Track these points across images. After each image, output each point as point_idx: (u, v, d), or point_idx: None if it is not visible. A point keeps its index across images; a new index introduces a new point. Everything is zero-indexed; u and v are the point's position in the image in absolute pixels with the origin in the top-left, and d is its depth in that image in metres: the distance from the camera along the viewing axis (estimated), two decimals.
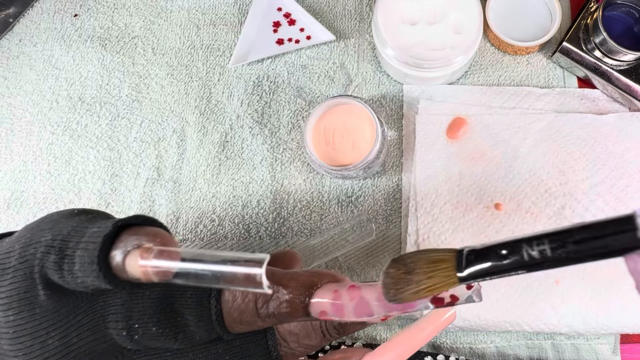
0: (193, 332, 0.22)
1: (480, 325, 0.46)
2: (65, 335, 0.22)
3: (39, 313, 0.22)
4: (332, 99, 0.46)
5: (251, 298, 0.22)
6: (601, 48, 0.48)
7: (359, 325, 0.25)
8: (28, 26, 0.58)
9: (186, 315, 0.22)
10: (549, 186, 0.48)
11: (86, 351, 0.22)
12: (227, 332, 0.22)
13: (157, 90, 0.55)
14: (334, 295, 0.22)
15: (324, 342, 0.25)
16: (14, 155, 0.54)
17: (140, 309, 0.22)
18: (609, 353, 0.47)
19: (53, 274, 0.22)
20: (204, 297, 0.22)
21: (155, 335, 0.22)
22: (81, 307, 0.23)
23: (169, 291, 0.23)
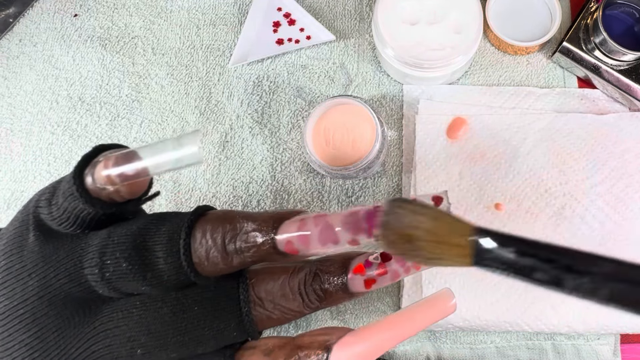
0: (162, 271, 0.21)
1: (480, 326, 0.46)
2: (45, 276, 0.22)
3: (26, 255, 0.23)
4: (332, 99, 0.46)
5: (220, 232, 0.21)
6: (601, 48, 0.48)
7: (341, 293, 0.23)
8: (28, 26, 0.58)
9: (157, 252, 0.22)
10: (549, 186, 0.48)
11: (61, 294, 0.22)
12: (196, 273, 0.21)
13: (157, 90, 0.55)
14: (300, 224, 0.21)
15: (303, 309, 0.23)
16: (14, 155, 0.54)
17: (114, 245, 0.22)
18: (610, 354, 0.47)
19: (43, 212, 0.23)
20: (175, 233, 0.22)
21: (124, 272, 0.21)
22: (63, 248, 0.23)
23: (144, 229, 0.22)
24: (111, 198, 0.22)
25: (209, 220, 0.22)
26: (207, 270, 0.22)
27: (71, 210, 0.22)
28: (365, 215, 0.20)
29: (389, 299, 0.49)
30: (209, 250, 0.21)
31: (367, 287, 0.23)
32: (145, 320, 0.22)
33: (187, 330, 0.22)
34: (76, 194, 0.22)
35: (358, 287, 0.23)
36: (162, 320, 0.22)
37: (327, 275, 0.23)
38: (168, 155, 0.20)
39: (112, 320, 0.22)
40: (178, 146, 0.19)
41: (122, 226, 0.23)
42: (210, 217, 0.22)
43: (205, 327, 0.22)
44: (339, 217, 0.21)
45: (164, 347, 0.22)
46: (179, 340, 0.22)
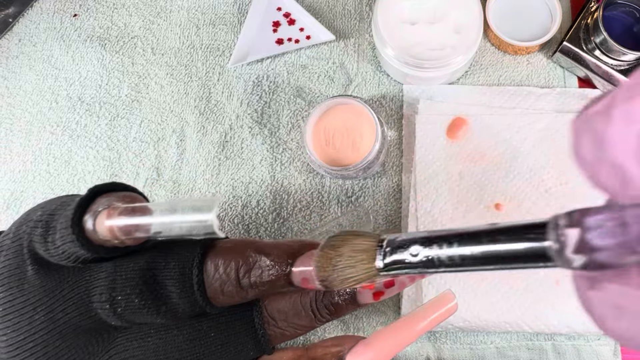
0: (176, 305, 0.22)
1: (480, 326, 0.46)
2: (51, 310, 0.22)
3: (27, 289, 0.22)
4: (332, 99, 0.45)
5: (233, 267, 0.21)
6: (601, 48, 0.48)
7: (351, 305, 0.24)
8: (28, 26, 0.58)
9: (169, 287, 0.22)
10: (549, 186, 0.48)
11: (71, 327, 0.22)
12: (210, 304, 0.22)
13: (156, 90, 0.55)
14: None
15: (314, 324, 0.24)
16: (14, 155, 0.54)
17: (123, 281, 0.22)
18: (610, 354, 0.47)
19: (40, 248, 0.22)
20: (186, 267, 0.22)
21: (138, 307, 0.21)
22: (67, 282, 0.22)
23: (152, 262, 0.22)
24: (113, 245, 0.22)
25: (220, 253, 0.22)
26: (222, 302, 0.22)
27: (71, 253, 0.22)
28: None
29: (389, 299, 0.49)
30: (223, 285, 0.22)
31: (376, 299, 0.23)
32: (162, 348, 0.22)
33: (205, 355, 0.23)
34: (76, 242, 0.21)
35: (367, 300, 0.23)
36: (178, 347, 0.22)
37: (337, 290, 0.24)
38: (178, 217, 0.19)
39: (128, 349, 0.22)
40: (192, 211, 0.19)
41: (129, 259, 0.22)
42: (220, 250, 0.22)
43: (223, 351, 0.23)
44: None
45: None
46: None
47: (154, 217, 0.20)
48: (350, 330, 0.48)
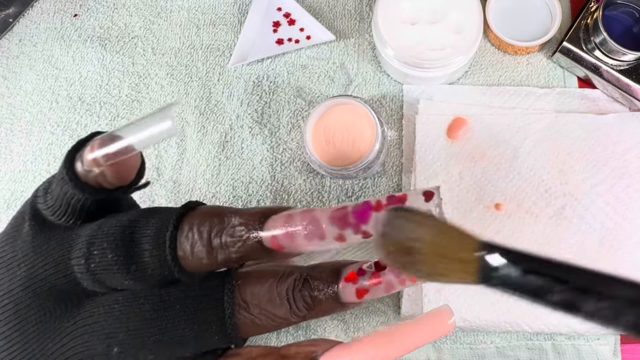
0: (146, 264, 0.21)
1: (480, 326, 0.46)
2: (33, 266, 0.22)
3: (18, 244, 0.23)
4: (332, 99, 0.46)
5: (207, 226, 0.21)
6: (601, 48, 0.48)
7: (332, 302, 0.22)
8: (28, 26, 0.58)
9: (143, 244, 0.21)
10: (549, 186, 0.48)
11: (46, 286, 0.22)
12: (179, 266, 0.21)
13: (156, 90, 0.55)
14: (286, 219, 0.20)
15: (290, 317, 0.22)
16: (14, 155, 0.54)
17: (102, 236, 0.21)
18: (610, 354, 0.47)
19: (40, 203, 0.23)
20: (163, 226, 0.21)
21: (109, 264, 0.21)
22: (55, 239, 0.22)
23: (134, 220, 0.22)
24: (99, 183, 0.22)
25: (198, 214, 0.22)
26: (191, 266, 0.21)
27: (63, 197, 0.22)
28: (354, 210, 0.20)
29: (388, 299, 0.49)
30: (194, 244, 0.21)
31: (359, 296, 0.22)
32: (126, 316, 0.21)
33: (167, 329, 0.21)
34: (66, 178, 0.22)
35: (349, 297, 0.22)
36: (142, 317, 0.21)
37: (317, 281, 0.22)
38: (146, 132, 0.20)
39: (93, 315, 0.21)
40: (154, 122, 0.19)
41: (114, 217, 0.22)
42: (199, 211, 0.22)
43: (185, 328, 0.21)
44: (327, 212, 0.20)
45: (142, 346, 0.21)
46: (158, 339, 0.21)
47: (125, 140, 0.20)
48: (350, 329, 0.48)
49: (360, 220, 0.19)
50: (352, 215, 0.19)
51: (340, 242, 0.20)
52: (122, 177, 0.22)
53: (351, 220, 0.19)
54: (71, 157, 0.22)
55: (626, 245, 0.47)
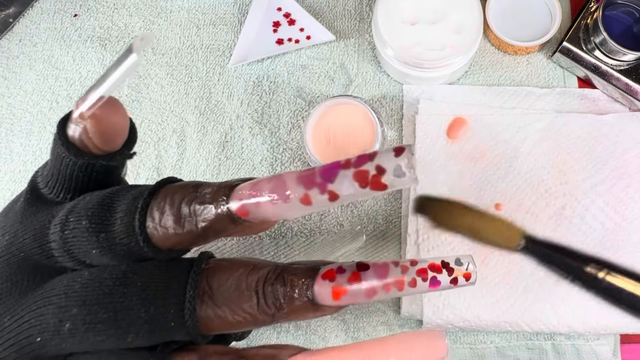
0: (115, 233, 0.20)
1: (480, 326, 0.46)
2: (15, 234, 0.22)
3: (10, 216, 0.23)
4: (332, 99, 0.46)
5: (178, 196, 0.20)
6: (601, 48, 0.48)
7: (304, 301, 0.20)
8: (28, 26, 0.58)
9: (117, 212, 0.20)
10: (549, 186, 0.48)
11: (21, 254, 0.21)
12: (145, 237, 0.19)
13: (157, 90, 0.55)
14: (253, 183, 0.19)
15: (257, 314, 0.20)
16: (14, 155, 0.54)
17: (83, 204, 0.21)
18: (610, 354, 0.47)
19: (40, 175, 0.23)
20: (139, 194, 0.20)
21: (82, 230, 0.20)
22: (42, 212, 0.22)
23: (116, 190, 0.21)
24: (84, 144, 0.22)
25: (176, 185, 0.21)
26: (159, 237, 0.20)
27: (54, 163, 0.22)
28: (321, 169, 0.18)
29: (389, 299, 0.49)
30: (164, 212, 0.20)
31: (335, 297, 0.19)
32: (85, 290, 0.20)
33: (122, 307, 0.20)
34: (56, 138, 0.22)
35: (325, 298, 0.19)
36: (100, 292, 0.20)
37: (292, 276, 0.20)
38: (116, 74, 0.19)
39: (55, 289, 0.20)
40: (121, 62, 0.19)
41: (99, 190, 0.22)
42: (178, 183, 0.21)
43: (141, 308, 0.20)
44: (294, 173, 0.19)
45: (93, 324, 0.19)
46: (110, 317, 0.19)
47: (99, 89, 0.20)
48: (350, 329, 0.48)
49: (326, 178, 0.18)
50: (319, 174, 0.18)
51: (307, 205, 0.18)
52: (105, 135, 0.22)
53: (317, 179, 0.18)
54: (64, 120, 0.22)
55: (626, 245, 0.47)
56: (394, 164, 0.18)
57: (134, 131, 0.24)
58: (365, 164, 0.18)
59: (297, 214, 0.19)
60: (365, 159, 0.18)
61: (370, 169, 0.18)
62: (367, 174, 0.18)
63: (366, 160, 0.18)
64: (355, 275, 0.20)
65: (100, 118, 0.21)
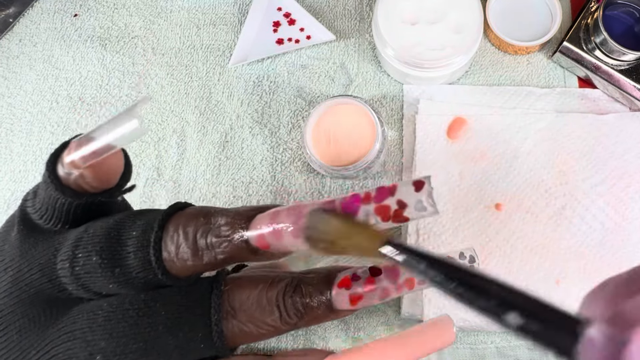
0: (130, 267, 0.20)
1: (481, 326, 0.46)
2: (19, 271, 0.22)
3: (6, 249, 0.23)
4: (332, 99, 0.46)
5: (192, 227, 0.20)
6: (602, 48, 0.48)
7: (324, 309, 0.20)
8: (28, 26, 0.58)
9: (128, 246, 0.20)
10: (549, 186, 0.48)
11: (31, 292, 0.21)
12: (164, 270, 0.20)
13: (157, 90, 0.55)
14: (272, 216, 0.19)
15: (280, 325, 0.21)
16: (14, 155, 0.54)
17: (88, 238, 0.21)
18: None
19: (29, 205, 0.23)
20: (149, 226, 0.20)
21: (94, 267, 0.20)
22: (42, 243, 0.22)
23: (120, 222, 0.21)
24: (80, 186, 0.22)
25: (184, 214, 0.21)
26: (177, 268, 0.20)
27: (47, 201, 0.22)
28: (342, 204, 0.19)
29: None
30: (180, 245, 0.20)
31: (353, 304, 0.20)
32: (109, 323, 0.20)
33: (150, 337, 0.20)
34: (48, 181, 0.21)
35: (342, 304, 0.20)
36: (125, 324, 0.20)
37: (309, 287, 0.21)
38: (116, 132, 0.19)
39: (76, 322, 0.21)
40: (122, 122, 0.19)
41: (101, 220, 0.22)
42: (186, 212, 0.21)
43: (169, 336, 0.20)
44: (314, 204, 0.19)
45: (124, 354, 0.20)
46: (140, 347, 0.20)
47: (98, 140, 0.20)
48: (350, 329, 0.48)
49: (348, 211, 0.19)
50: (340, 209, 0.19)
51: None
52: (102, 179, 0.22)
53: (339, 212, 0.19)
54: (53, 160, 0.22)
55: (626, 245, 0.47)
56: (415, 198, 0.18)
57: (129, 164, 0.24)
58: (386, 199, 0.18)
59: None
60: (386, 194, 0.18)
61: (391, 204, 0.18)
62: (389, 209, 0.18)
63: (387, 195, 0.18)
64: (369, 280, 0.20)
65: (98, 167, 0.21)
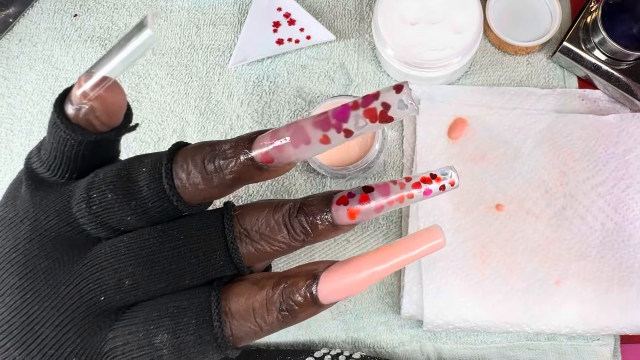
0: (145, 198, 0.22)
1: (481, 326, 0.46)
2: (36, 219, 0.23)
3: (18, 204, 0.24)
4: (332, 99, 0.46)
5: (199, 156, 0.22)
6: (601, 48, 0.48)
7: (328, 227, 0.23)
8: (28, 26, 0.58)
9: (140, 181, 0.22)
10: (550, 187, 0.48)
11: (51, 236, 0.23)
12: (178, 197, 0.22)
13: (157, 91, 0.55)
14: (273, 133, 0.22)
15: (291, 241, 0.23)
16: (14, 155, 0.54)
17: (99, 180, 0.22)
18: (610, 355, 0.47)
19: (35, 160, 0.24)
20: (158, 162, 0.22)
21: (110, 203, 0.22)
22: (53, 193, 0.23)
23: (128, 163, 0.23)
24: (90, 122, 0.22)
25: (190, 147, 0.23)
26: (189, 194, 0.22)
27: (56, 147, 0.23)
28: (334, 112, 0.21)
29: (389, 299, 0.49)
30: (190, 172, 0.22)
31: (352, 217, 0.23)
32: (132, 251, 0.22)
33: (174, 259, 0.22)
34: (57, 122, 0.22)
35: (343, 219, 0.23)
36: (148, 250, 0.22)
37: (311, 207, 0.23)
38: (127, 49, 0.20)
39: (100, 255, 0.22)
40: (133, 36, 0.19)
41: (108, 166, 0.23)
42: (191, 145, 0.23)
43: (191, 256, 0.23)
44: (309, 119, 0.21)
45: (152, 277, 0.22)
46: (166, 268, 0.22)
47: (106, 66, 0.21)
48: (350, 329, 0.48)
49: (341, 119, 0.21)
50: (332, 117, 0.21)
51: (326, 143, 0.21)
52: (110, 113, 0.23)
53: (332, 121, 0.21)
54: (60, 100, 0.23)
55: (627, 246, 0.47)
56: (397, 99, 0.20)
57: (128, 104, 0.25)
58: (372, 103, 0.20)
59: (317, 153, 0.22)
60: (371, 99, 0.21)
61: (377, 106, 0.20)
62: (375, 111, 0.20)
63: (372, 99, 0.21)
64: (364, 197, 0.23)
65: (106, 98, 0.22)
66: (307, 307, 0.22)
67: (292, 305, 0.22)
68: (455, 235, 0.48)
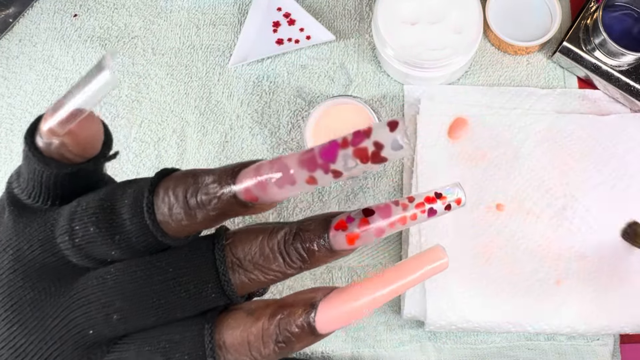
0: (129, 233, 0.21)
1: (483, 326, 0.46)
2: (19, 249, 0.22)
3: (1, 231, 0.23)
4: (332, 99, 0.46)
5: (181, 189, 0.21)
6: (601, 49, 0.48)
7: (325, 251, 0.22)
8: (28, 26, 0.58)
9: (123, 214, 0.21)
10: (550, 187, 0.48)
11: (35, 266, 0.22)
12: (162, 232, 0.21)
13: (156, 90, 0.55)
14: (256, 170, 0.20)
15: (286, 269, 0.22)
16: (14, 155, 0.54)
17: (82, 211, 0.22)
18: (609, 355, 0.47)
19: (15, 186, 0.23)
20: (140, 193, 0.21)
21: (93, 236, 0.21)
22: (36, 221, 0.23)
23: (111, 192, 0.22)
24: (63, 155, 0.22)
25: (173, 177, 0.22)
26: (173, 229, 0.21)
27: (32, 177, 0.22)
28: (321, 151, 0.19)
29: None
30: (172, 207, 0.21)
31: (350, 243, 0.22)
32: (119, 284, 0.21)
33: (162, 293, 0.22)
34: (29, 155, 0.22)
35: (341, 244, 0.22)
36: (136, 283, 0.22)
37: (307, 233, 0.22)
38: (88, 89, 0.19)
39: (87, 288, 0.22)
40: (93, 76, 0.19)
41: (92, 193, 0.22)
42: (174, 175, 0.22)
43: (181, 290, 0.22)
44: (295, 156, 0.20)
45: (140, 311, 0.22)
46: (155, 303, 0.22)
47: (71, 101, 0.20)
48: (350, 329, 0.48)
49: (328, 159, 0.19)
50: (319, 156, 0.19)
51: (312, 184, 0.20)
52: (84, 146, 0.22)
53: (319, 161, 0.19)
54: (31, 132, 0.22)
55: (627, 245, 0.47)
56: (390, 138, 0.19)
57: (108, 132, 0.24)
58: (363, 142, 0.19)
59: (305, 191, 0.21)
60: (362, 137, 0.19)
61: (368, 145, 0.19)
62: (367, 151, 0.19)
63: (363, 138, 0.19)
64: (363, 221, 0.22)
65: (78, 132, 0.21)
66: (304, 337, 0.21)
67: (289, 337, 0.21)
68: (455, 235, 0.48)
